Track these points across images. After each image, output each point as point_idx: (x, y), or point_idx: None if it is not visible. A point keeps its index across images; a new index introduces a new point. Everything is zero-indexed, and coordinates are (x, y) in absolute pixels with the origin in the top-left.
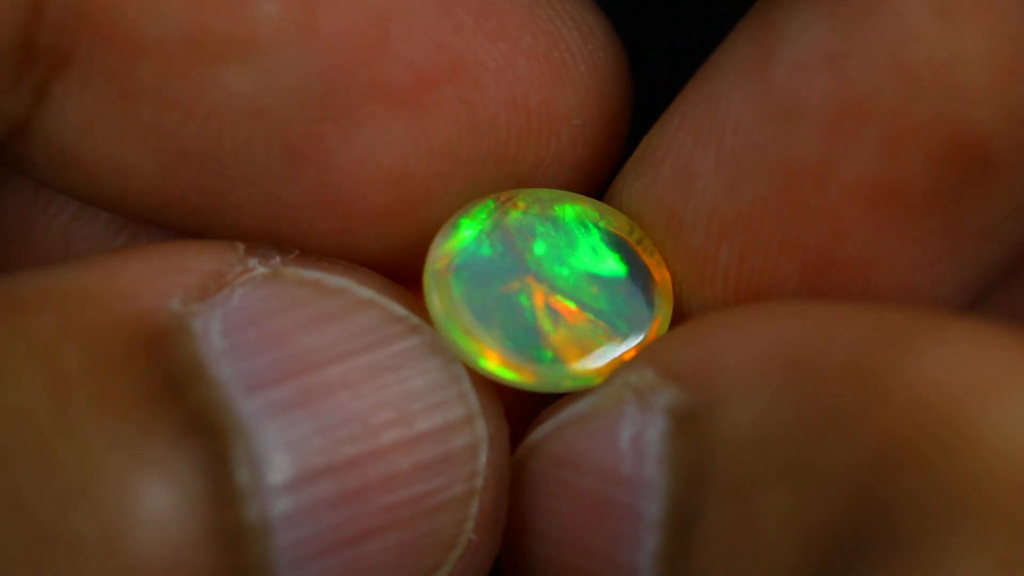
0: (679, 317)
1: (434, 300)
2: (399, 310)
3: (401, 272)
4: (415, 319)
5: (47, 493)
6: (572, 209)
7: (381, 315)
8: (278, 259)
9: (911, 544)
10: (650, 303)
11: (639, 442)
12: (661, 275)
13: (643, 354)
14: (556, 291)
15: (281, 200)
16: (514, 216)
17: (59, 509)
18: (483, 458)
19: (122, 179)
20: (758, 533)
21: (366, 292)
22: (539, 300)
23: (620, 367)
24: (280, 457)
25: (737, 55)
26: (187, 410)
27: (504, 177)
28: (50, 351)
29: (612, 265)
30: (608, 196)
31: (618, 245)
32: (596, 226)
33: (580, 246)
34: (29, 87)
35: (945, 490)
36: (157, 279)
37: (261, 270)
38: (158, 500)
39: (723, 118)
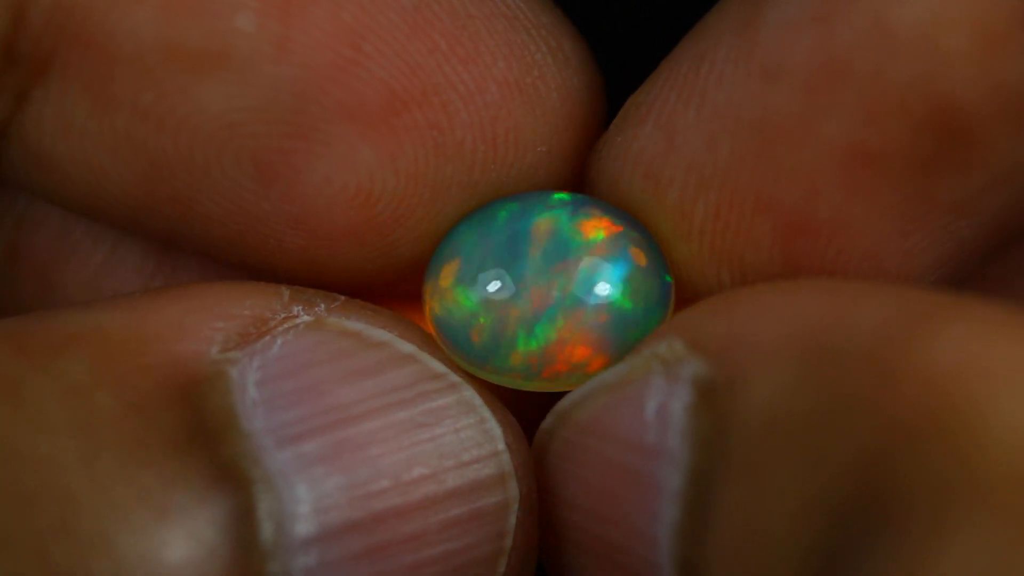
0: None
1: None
2: (438, 366)
3: (368, 295)
4: (454, 376)
5: (69, 542)
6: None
7: (420, 370)
8: (323, 306)
9: (901, 528)
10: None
11: (664, 413)
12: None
13: (673, 323)
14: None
15: (250, 214)
16: None
17: (79, 559)
18: (513, 518)
19: (97, 185)
20: (770, 513)
21: (407, 347)
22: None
23: (650, 337)
24: (306, 511)
25: (725, 16)
26: (217, 461)
27: (467, 201)
28: (81, 397)
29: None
30: (591, 155)
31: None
32: None
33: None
34: (10, 92)
35: (938, 474)
36: (198, 323)
37: (304, 318)
38: (179, 554)
39: (706, 75)
